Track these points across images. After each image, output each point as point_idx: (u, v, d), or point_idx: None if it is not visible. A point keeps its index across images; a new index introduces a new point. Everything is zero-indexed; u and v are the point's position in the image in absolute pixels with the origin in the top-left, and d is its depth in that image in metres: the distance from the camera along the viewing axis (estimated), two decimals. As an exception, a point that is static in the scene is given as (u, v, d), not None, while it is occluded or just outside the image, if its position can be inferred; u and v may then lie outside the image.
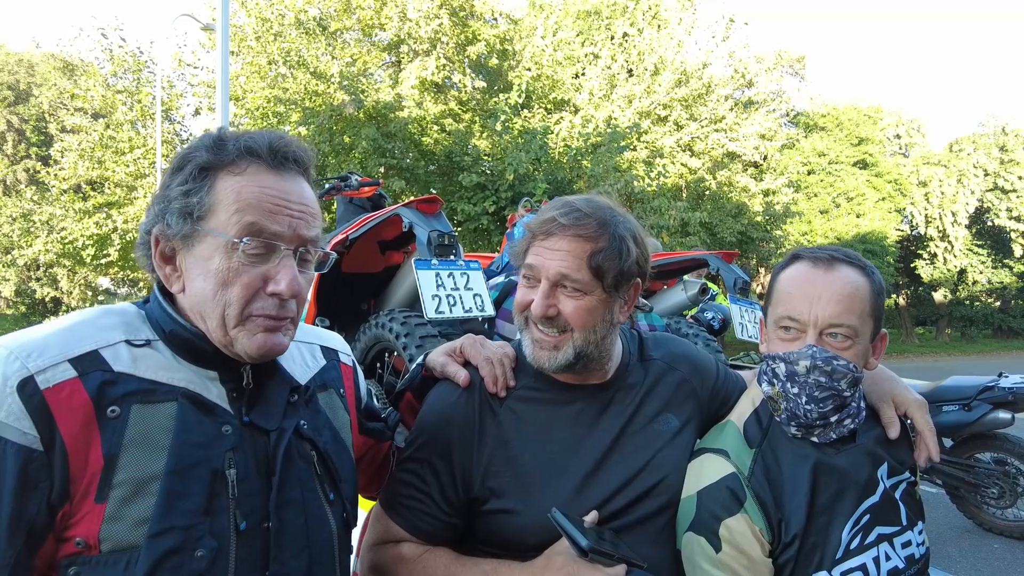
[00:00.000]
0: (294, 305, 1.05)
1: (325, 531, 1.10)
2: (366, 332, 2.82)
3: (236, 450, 0.99)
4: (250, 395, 1.05)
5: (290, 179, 1.04)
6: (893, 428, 1.34)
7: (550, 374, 1.35)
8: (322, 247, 1.10)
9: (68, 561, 0.89)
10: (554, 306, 1.27)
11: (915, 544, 1.30)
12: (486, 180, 12.89)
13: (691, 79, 17.64)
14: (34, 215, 15.28)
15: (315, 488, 1.10)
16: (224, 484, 0.97)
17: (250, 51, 13.37)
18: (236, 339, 1.00)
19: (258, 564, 0.98)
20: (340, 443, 1.19)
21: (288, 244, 1.01)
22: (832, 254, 1.31)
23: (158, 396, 0.96)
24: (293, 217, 1.02)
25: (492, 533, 1.29)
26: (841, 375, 1.23)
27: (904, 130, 28.34)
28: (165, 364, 0.99)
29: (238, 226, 0.98)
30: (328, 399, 1.21)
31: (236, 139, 1.03)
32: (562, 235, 1.26)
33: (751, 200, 18.68)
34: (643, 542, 1.28)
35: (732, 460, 1.29)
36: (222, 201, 0.99)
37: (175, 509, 0.91)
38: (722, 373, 1.53)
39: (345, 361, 1.32)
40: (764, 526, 1.23)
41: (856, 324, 1.24)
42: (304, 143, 1.10)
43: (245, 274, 0.99)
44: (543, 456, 1.30)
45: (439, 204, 2.54)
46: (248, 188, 0.99)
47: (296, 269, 1.02)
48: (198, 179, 1.00)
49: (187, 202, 0.99)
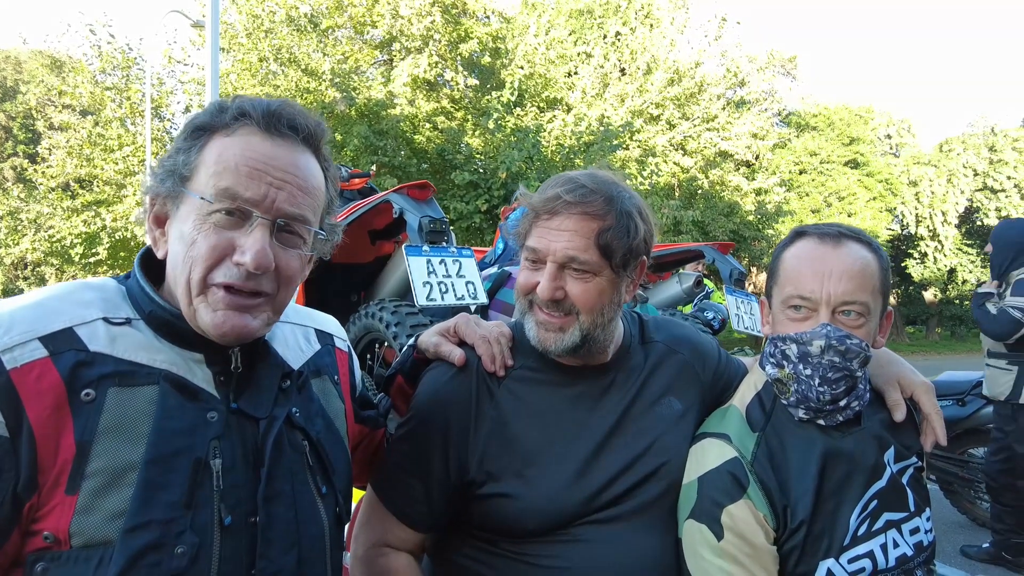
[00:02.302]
0: (268, 283, 0.95)
1: (316, 526, 1.02)
2: (356, 323, 2.76)
3: (222, 438, 0.92)
4: (239, 380, 0.98)
5: (282, 144, 0.96)
6: (899, 411, 1.29)
7: (552, 356, 1.30)
8: (320, 230, 1.01)
9: (35, 557, 0.82)
10: (561, 288, 1.21)
11: (923, 531, 1.25)
12: (478, 178, 12.86)
13: (683, 78, 17.67)
14: (21, 213, 15.10)
15: (306, 480, 1.03)
16: (208, 475, 0.89)
17: (241, 48, 13.29)
18: (198, 311, 0.93)
19: (243, 561, 0.91)
20: (334, 432, 1.12)
21: (264, 213, 0.92)
22: (839, 230, 1.26)
23: (138, 379, 0.89)
24: (272, 185, 0.93)
25: (489, 517, 1.24)
26: (854, 354, 1.18)
27: (895, 130, 28.51)
28: (146, 344, 0.92)
29: (213, 189, 0.91)
30: (322, 386, 1.14)
31: (237, 103, 0.97)
32: (568, 214, 1.20)
33: (743, 199, 18.72)
34: (644, 530, 1.24)
35: (734, 444, 1.24)
36: (205, 162, 0.93)
37: (154, 501, 0.84)
38: (724, 357, 1.49)
39: (341, 347, 1.25)
40: (768, 512, 1.19)
41: (868, 301, 1.20)
42: (316, 117, 1.02)
43: (213, 238, 0.91)
44: (542, 439, 1.25)
45: (431, 190, 2.49)
46: (231, 149, 0.93)
47: (268, 241, 0.93)
48: (191, 139, 0.95)
49: (176, 160, 0.94)
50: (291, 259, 0.97)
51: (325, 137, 1.03)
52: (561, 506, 1.21)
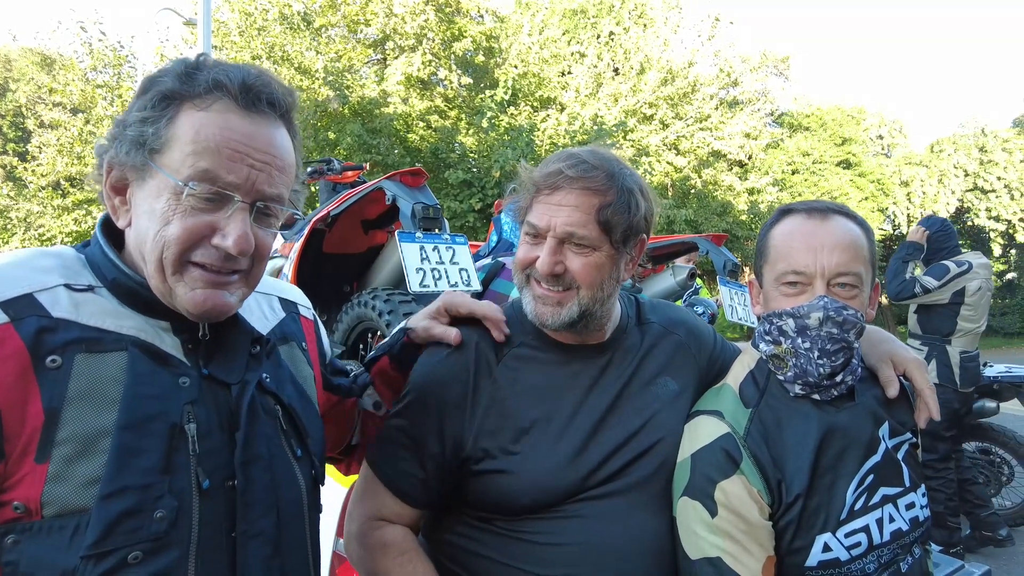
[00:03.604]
0: (245, 261, 0.95)
1: (294, 489, 1.03)
2: (349, 312, 2.74)
3: (195, 403, 0.92)
4: (207, 346, 0.97)
5: (261, 123, 0.93)
6: (892, 387, 1.30)
7: (549, 333, 1.31)
8: (292, 208, 1.00)
9: (5, 528, 0.80)
10: (561, 263, 1.22)
11: (919, 506, 1.25)
12: (472, 177, 12.84)
13: (677, 78, 17.68)
14: (11, 211, 14.97)
15: (281, 444, 1.03)
16: (184, 439, 0.89)
17: (233, 46, 13.22)
18: (175, 290, 0.91)
19: (223, 525, 0.91)
20: (305, 398, 1.13)
21: (244, 197, 0.91)
22: (826, 205, 1.27)
23: (105, 345, 0.87)
24: (254, 168, 0.92)
25: (484, 493, 1.24)
26: (851, 325, 1.19)
27: (886, 131, 28.64)
28: (111, 311, 0.91)
29: (191, 170, 0.88)
30: (290, 352, 1.15)
31: (209, 69, 0.92)
32: (569, 189, 1.20)
33: (736, 199, 18.76)
34: (639, 507, 1.24)
35: (727, 421, 1.24)
36: (180, 138, 0.89)
37: (129, 467, 0.83)
38: (719, 341, 1.50)
39: (305, 315, 1.25)
40: (762, 487, 1.18)
41: (861, 272, 1.21)
42: (289, 86, 1.00)
43: (191, 220, 0.89)
44: (540, 416, 1.25)
45: (424, 177, 2.47)
46: (209, 128, 0.89)
47: (249, 225, 0.92)
48: (158, 107, 0.90)
49: (143, 131, 0.89)
50: (266, 237, 0.97)
51: (297, 106, 1.01)
52: (557, 482, 1.21)
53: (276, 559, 0.97)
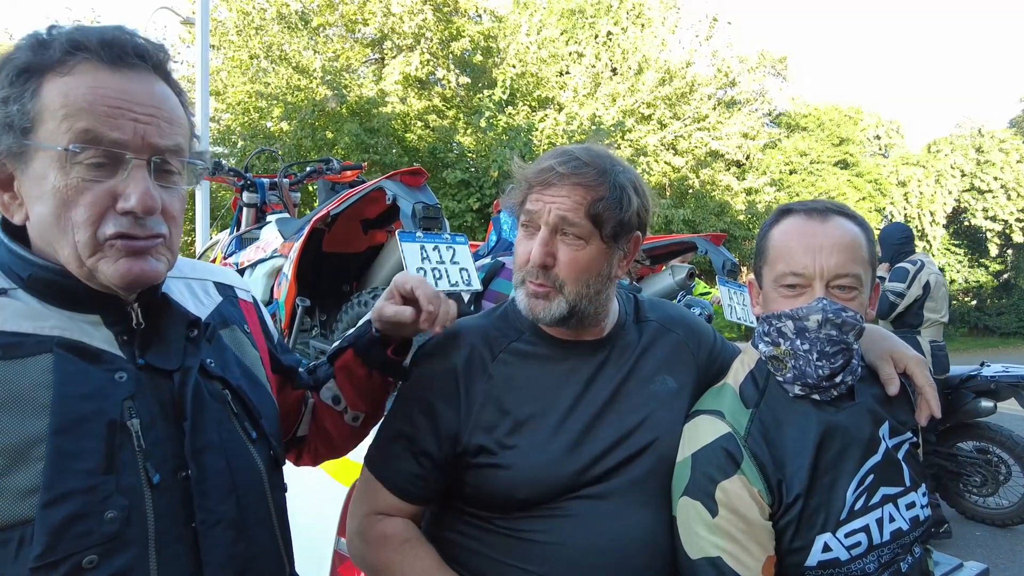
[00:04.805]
0: (161, 225, 0.90)
1: (252, 472, 1.00)
2: (348, 311, 2.74)
3: (135, 397, 0.87)
4: (143, 336, 0.93)
5: (134, 77, 0.87)
6: (893, 385, 1.30)
7: (545, 329, 1.31)
8: (197, 160, 0.95)
9: None
10: (552, 255, 1.23)
11: (919, 506, 1.25)
12: (470, 177, 12.83)
13: (674, 78, 17.68)
14: (8, 211, 14.95)
15: (234, 428, 0.99)
16: (127, 436, 0.85)
17: (231, 45, 13.18)
18: (97, 269, 0.86)
19: (181, 516, 0.89)
20: (254, 379, 1.09)
21: (137, 153, 0.86)
22: (826, 205, 1.27)
23: (26, 349, 0.82)
24: (139, 121, 0.85)
25: (480, 488, 1.24)
26: (850, 327, 1.19)
27: (884, 131, 28.70)
28: (29, 313, 0.85)
29: (69, 134, 0.82)
30: (232, 336, 1.10)
31: (63, 35, 0.86)
32: (561, 184, 1.22)
33: (733, 199, 18.77)
34: (636, 505, 1.24)
35: (728, 420, 1.23)
36: (48, 107, 0.82)
37: (68, 472, 0.79)
38: (719, 340, 1.49)
39: (244, 297, 1.20)
40: (763, 487, 1.18)
41: (860, 273, 1.21)
42: (155, 39, 0.92)
43: (88, 191, 0.84)
44: (536, 411, 1.25)
45: (424, 176, 2.47)
46: (77, 90, 0.83)
47: (150, 181, 0.87)
48: (17, 83, 0.83)
49: (7, 112, 0.83)
50: (173, 199, 0.92)
51: (169, 59, 0.94)
52: (552, 477, 1.21)
53: (240, 543, 0.95)
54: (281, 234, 3.31)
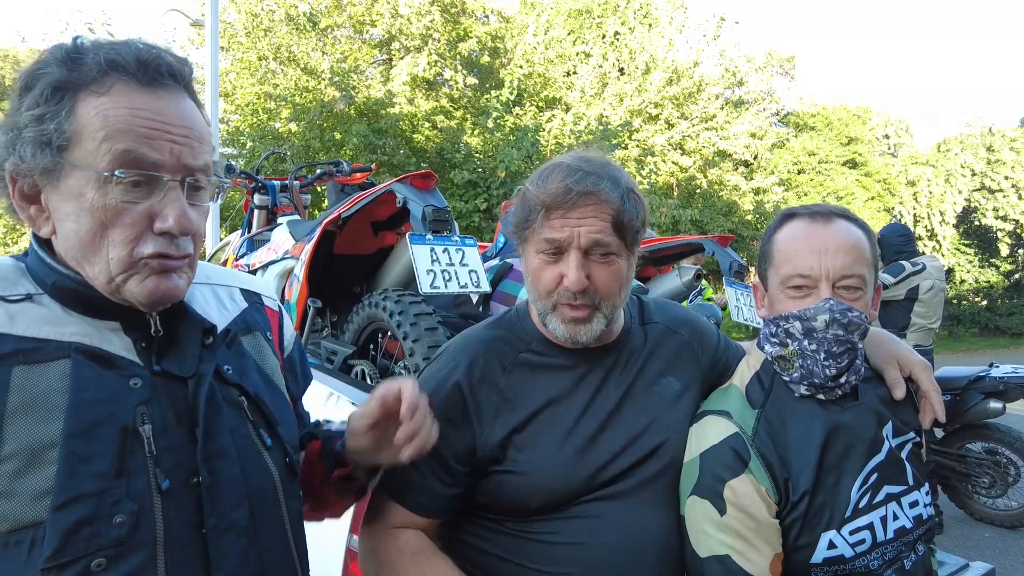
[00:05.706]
0: (188, 244, 0.92)
1: (265, 479, 1.00)
2: (359, 312, 2.77)
3: (149, 403, 0.89)
4: (160, 342, 0.94)
5: (167, 97, 0.89)
6: (899, 388, 1.32)
7: (549, 337, 1.32)
8: (218, 175, 0.98)
9: None
10: (588, 276, 1.22)
11: (922, 504, 1.27)
12: (477, 177, 12.86)
13: (682, 78, 17.66)
14: (20, 212, 15.07)
15: (249, 435, 1.00)
16: (139, 441, 0.87)
17: (240, 47, 13.26)
18: (124, 287, 0.88)
19: (191, 521, 0.89)
20: (272, 386, 1.09)
21: (172, 174, 0.88)
22: (828, 208, 1.30)
23: (45, 354, 0.84)
24: (176, 143, 0.88)
25: (494, 495, 1.26)
26: (856, 327, 1.21)
27: (892, 130, 28.53)
28: (51, 318, 0.88)
29: (110, 156, 0.84)
30: (254, 342, 1.11)
31: (96, 51, 0.86)
32: (585, 204, 1.20)
33: (741, 199, 18.75)
34: (647, 506, 1.26)
35: (735, 421, 1.26)
36: (87, 128, 0.84)
37: (80, 475, 0.81)
38: (723, 340, 1.51)
39: (270, 305, 1.21)
40: (770, 486, 1.21)
41: (865, 274, 1.24)
42: (180, 55, 0.95)
43: (126, 212, 0.86)
44: (548, 419, 1.27)
45: (434, 179, 2.49)
46: (116, 111, 0.84)
47: (185, 202, 0.90)
48: (52, 101, 0.84)
49: (42, 129, 0.84)
50: (200, 216, 0.94)
51: (194, 74, 0.96)
52: (565, 483, 1.23)
53: (252, 549, 0.95)
54: (292, 236, 3.34)
